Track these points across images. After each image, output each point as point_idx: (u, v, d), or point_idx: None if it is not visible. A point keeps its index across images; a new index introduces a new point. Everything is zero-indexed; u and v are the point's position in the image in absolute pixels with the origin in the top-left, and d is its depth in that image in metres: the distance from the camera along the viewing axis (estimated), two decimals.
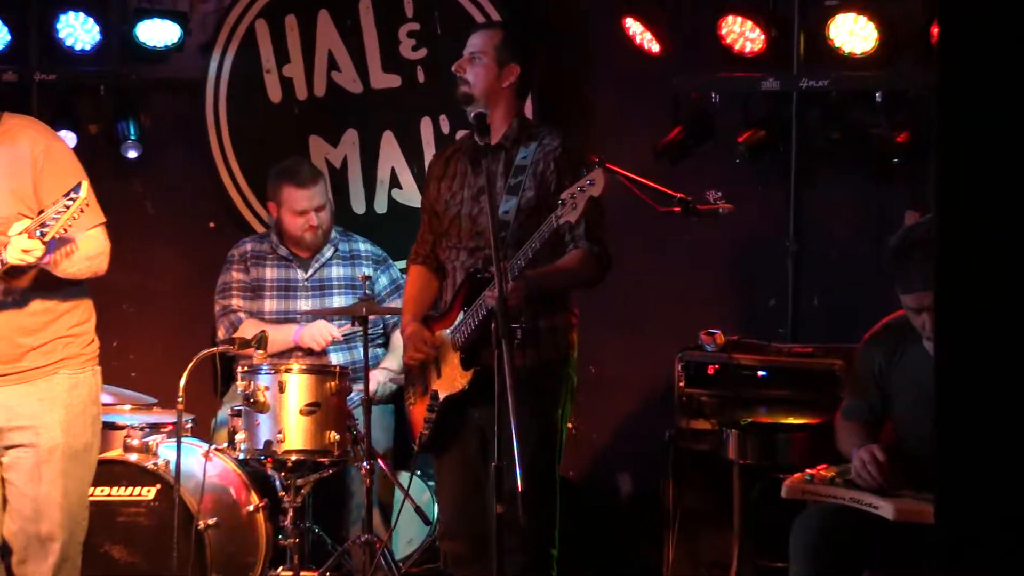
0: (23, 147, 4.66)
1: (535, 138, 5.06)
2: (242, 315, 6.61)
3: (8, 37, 6.98)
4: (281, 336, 6.43)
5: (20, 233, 4.38)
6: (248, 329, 6.42)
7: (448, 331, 5.07)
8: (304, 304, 6.63)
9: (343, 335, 6.49)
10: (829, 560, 4.64)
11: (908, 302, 4.61)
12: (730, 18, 6.49)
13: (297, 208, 6.58)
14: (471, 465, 5.07)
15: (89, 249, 4.68)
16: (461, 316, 4.99)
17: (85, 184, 4.37)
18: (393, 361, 6.55)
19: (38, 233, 4.34)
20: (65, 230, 4.39)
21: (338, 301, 6.61)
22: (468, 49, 5.11)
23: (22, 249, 4.37)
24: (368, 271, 6.61)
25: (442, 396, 5.07)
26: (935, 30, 6.09)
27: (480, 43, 5.09)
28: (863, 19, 6.33)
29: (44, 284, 4.62)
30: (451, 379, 5.07)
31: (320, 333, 6.44)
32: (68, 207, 4.32)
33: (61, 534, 4.77)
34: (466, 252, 5.10)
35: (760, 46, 6.49)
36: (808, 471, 4.78)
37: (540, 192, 4.95)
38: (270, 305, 6.67)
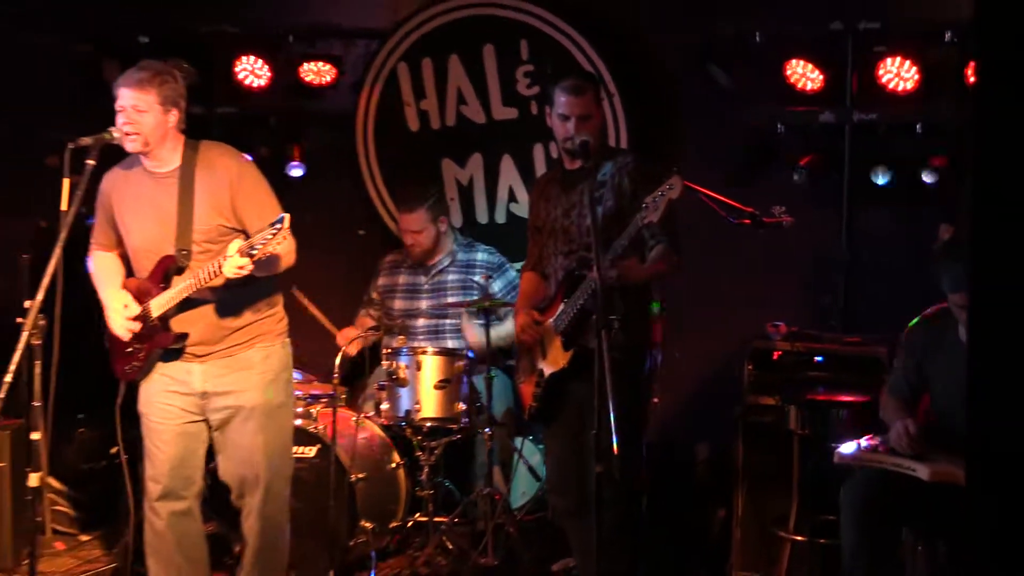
0: (220, 172, 4.79)
1: (612, 157, 5.09)
2: (363, 310, 6.82)
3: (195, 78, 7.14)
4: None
5: (234, 254, 4.51)
6: (360, 320, 6.77)
7: (552, 319, 5.14)
8: (424, 304, 6.71)
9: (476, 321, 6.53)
10: (873, 515, 4.69)
11: (956, 300, 4.61)
12: (794, 61, 6.51)
13: (402, 229, 6.71)
14: (572, 432, 5.10)
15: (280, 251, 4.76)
16: (562, 307, 5.06)
17: (287, 217, 4.47)
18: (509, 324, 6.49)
19: (250, 252, 4.47)
20: (268, 253, 4.51)
21: (451, 300, 6.65)
22: (579, 110, 4.98)
23: (236, 266, 4.52)
24: (480, 280, 6.58)
25: (547, 373, 5.14)
26: (969, 72, 6.08)
27: (585, 101, 5.00)
28: (907, 62, 6.33)
29: (243, 280, 4.68)
30: (554, 359, 5.11)
31: (349, 336, 6.52)
32: (273, 235, 4.43)
33: (265, 474, 4.93)
34: (562, 256, 5.15)
35: (819, 84, 6.51)
36: (856, 440, 4.82)
37: (618, 201, 4.96)
38: (399, 304, 6.75)
